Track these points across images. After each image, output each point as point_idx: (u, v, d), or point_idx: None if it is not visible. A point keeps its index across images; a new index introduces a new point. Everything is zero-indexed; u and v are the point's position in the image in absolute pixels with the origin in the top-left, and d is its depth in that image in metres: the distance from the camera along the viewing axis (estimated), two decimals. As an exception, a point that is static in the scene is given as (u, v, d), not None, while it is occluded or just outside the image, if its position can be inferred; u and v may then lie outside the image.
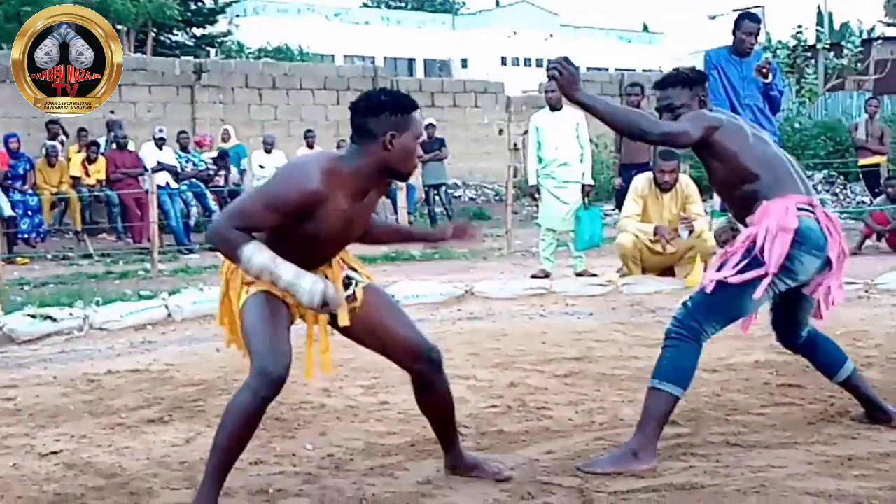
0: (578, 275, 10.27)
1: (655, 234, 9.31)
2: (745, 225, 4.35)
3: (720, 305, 4.25)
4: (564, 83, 4.20)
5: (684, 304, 4.35)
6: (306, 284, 3.60)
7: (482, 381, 5.81)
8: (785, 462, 4.14)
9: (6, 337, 7.48)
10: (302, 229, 3.64)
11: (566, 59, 4.24)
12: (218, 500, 3.65)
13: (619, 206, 11.04)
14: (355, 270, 4.00)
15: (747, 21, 8.71)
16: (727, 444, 4.46)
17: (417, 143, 3.74)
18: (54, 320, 7.77)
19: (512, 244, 13.75)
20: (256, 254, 3.57)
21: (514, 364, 6.27)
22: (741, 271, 4.18)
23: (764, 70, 8.39)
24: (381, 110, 3.65)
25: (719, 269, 4.27)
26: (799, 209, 4.23)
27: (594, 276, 10.01)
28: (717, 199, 9.64)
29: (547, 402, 5.31)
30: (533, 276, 10.19)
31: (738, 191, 4.37)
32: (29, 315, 7.79)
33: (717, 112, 4.50)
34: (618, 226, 9.97)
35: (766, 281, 4.16)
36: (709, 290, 4.25)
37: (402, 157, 3.69)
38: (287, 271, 3.59)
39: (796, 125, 20.77)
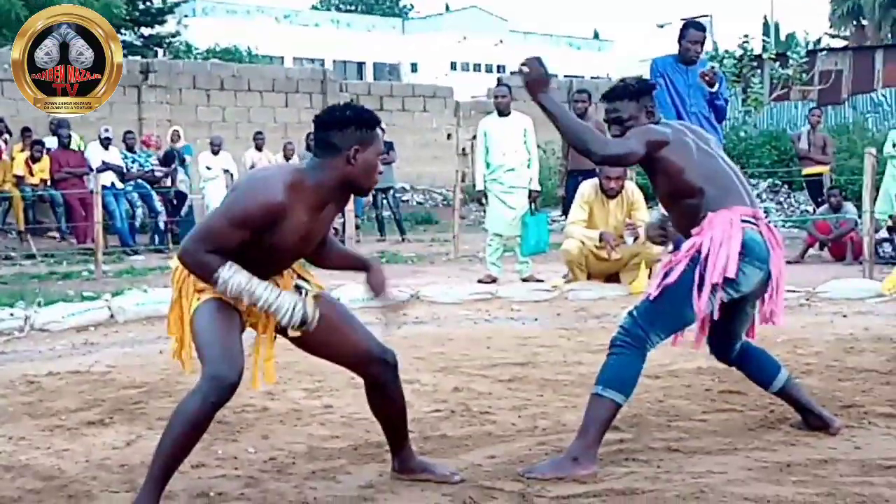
0: (524, 280, 10.30)
1: (601, 240, 9.35)
2: (688, 236, 4.38)
3: (665, 314, 4.28)
4: (532, 81, 4.23)
5: (630, 312, 4.38)
6: (286, 304, 3.67)
7: (426, 385, 5.82)
8: (725, 468, 4.17)
9: (-55, 337, 7.40)
10: (262, 242, 3.65)
11: (539, 59, 4.28)
12: (159, 503, 3.62)
13: (565, 212, 11.09)
14: (304, 279, 3.99)
15: (692, 30, 8.79)
16: (668, 449, 4.49)
17: (378, 159, 3.78)
18: (-6, 321, 7.69)
19: (459, 249, 13.76)
20: (233, 276, 3.61)
21: (459, 369, 6.28)
22: (685, 280, 4.21)
23: (707, 78, 8.47)
24: (346, 125, 3.68)
25: (664, 277, 4.29)
26: (743, 221, 4.26)
27: (540, 281, 10.04)
28: (661, 207, 9.73)
29: (490, 407, 5.32)
30: (479, 281, 10.21)
31: (682, 204, 4.40)
32: (-32, 315, 7.71)
33: (664, 125, 4.51)
34: (564, 232, 10.00)
35: (706, 290, 4.18)
36: (653, 298, 4.28)
37: (365, 172, 3.73)
38: (266, 291, 3.66)
39: (742, 134, 20.95)
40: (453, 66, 53.73)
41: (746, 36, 24.31)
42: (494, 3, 59.95)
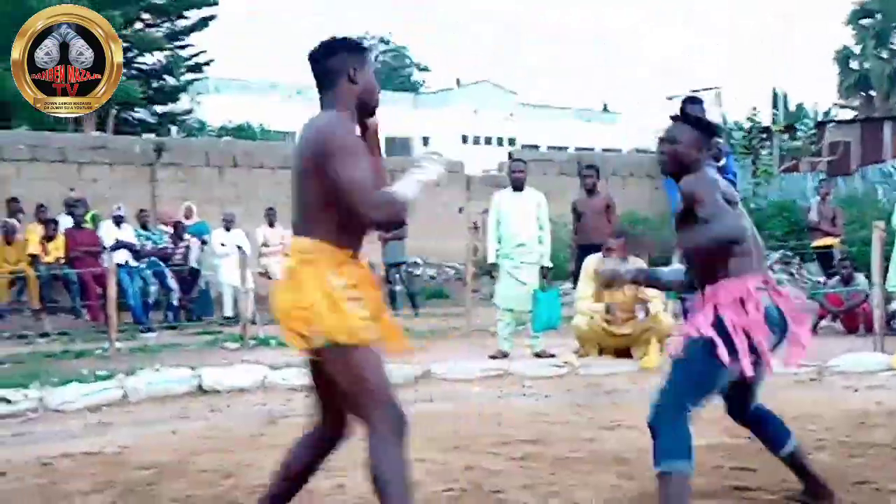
0: (536, 355, 10.31)
1: (608, 311, 9.39)
2: (702, 289, 4.43)
3: (693, 383, 4.28)
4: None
5: (659, 388, 4.38)
6: (431, 174, 4.02)
7: (438, 463, 5.81)
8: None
9: (-40, 419, 7.42)
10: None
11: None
12: None
13: (576, 286, 11.13)
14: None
15: (690, 105, 8.86)
16: (679, 528, 4.48)
17: (375, 78, 3.99)
18: (9, 402, 7.72)
19: (471, 323, 13.78)
20: (404, 190, 3.85)
21: (470, 447, 6.28)
22: (711, 350, 4.22)
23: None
24: (337, 50, 3.91)
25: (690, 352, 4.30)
26: (757, 288, 4.31)
27: (552, 356, 10.05)
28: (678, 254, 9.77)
29: (502, 486, 5.32)
30: (491, 357, 10.23)
31: (706, 255, 4.41)
32: (-17, 397, 7.75)
33: (713, 176, 4.55)
34: (575, 306, 10.04)
35: (744, 356, 4.20)
36: (679, 368, 4.31)
37: (368, 89, 3.95)
38: (418, 176, 3.95)
39: (752, 205, 21.02)
40: (464, 139, 54.06)
41: (755, 108, 24.50)
42: (505, 77, 60.41)
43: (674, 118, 4.73)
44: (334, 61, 3.88)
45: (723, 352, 4.19)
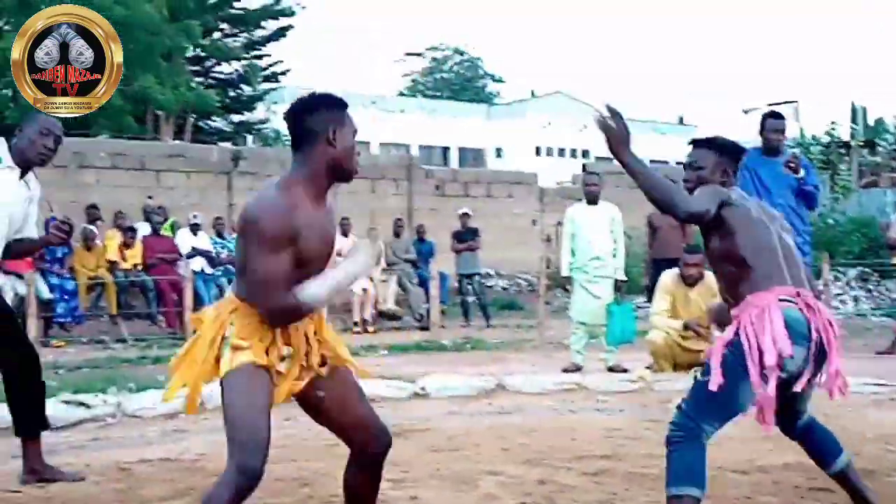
0: (610, 370, 10.26)
1: (686, 328, 9.32)
2: (728, 303, 4.42)
3: (713, 403, 4.23)
4: (614, 139, 4.20)
5: (678, 406, 4.36)
6: (358, 266, 3.78)
7: (512, 477, 5.80)
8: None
9: (40, 422, 7.52)
10: (300, 261, 3.68)
11: (620, 115, 4.25)
12: None
13: (650, 300, 11.06)
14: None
15: (771, 120, 8.78)
16: (757, 548, 4.44)
17: (355, 139, 3.82)
18: (88, 407, 7.83)
19: (544, 335, 13.75)
20: (314, 291, 3.65)
21: (544, 460, 6.25)
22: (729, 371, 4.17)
23: (792, 165, 8.43)
24: (316, 108, 3.77)
25: (709, 368, 4.25)
26: (781, 300, 4.24)
27: (625, 371, 10.00)
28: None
29: (576, 501, 5.30)
30: (564, 370, 10.20)
31: (727, 269, 4.41)
32: (63, 401, 7.85)
33: (731, 190, 4.53)
34: (649, 321, 9.99)
35: (755, 375, 4.13)
36: (700, 389, 4.26)
37: (346, 152, 3.78)
38: (337, 276, 3.72)
39: (830, 221, 20.77)
40: (538, 150, 53.98)
41: (834, 122, 24.20)
42: (579, 88, 60.27)
43: (695, 143, 4.70)
44: (313, 120, 3.75)
45: (716, 373, 4.14)
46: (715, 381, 4.13)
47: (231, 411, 3.68)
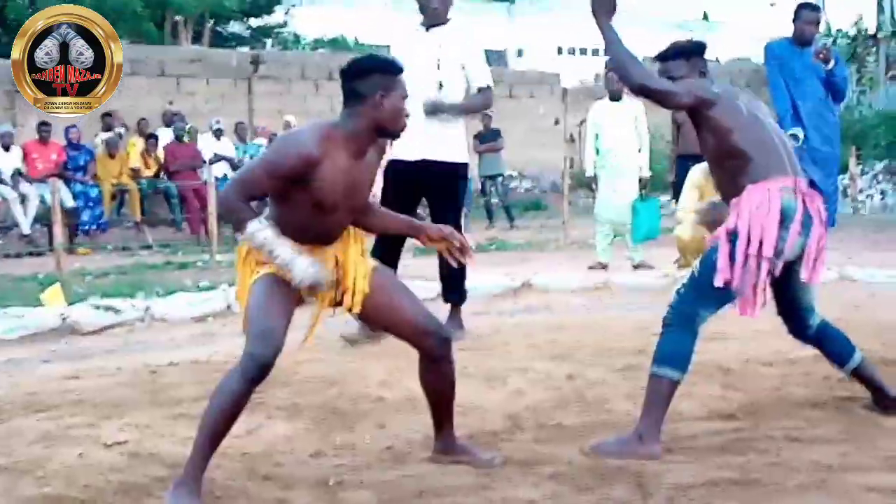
0: (636, 267, 10.24)
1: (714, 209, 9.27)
2: (728, 203, 4.47)
3: (707, 290, 4.36)
4: (599, 4, 4.59)
5: (677, 291, 4.52)
6: (300, 265, 3.81)
7: (540, 373, 5.79)
8: (846, 458, 4.11)
9: (70, 327, 7.58)
10: (309, 195, 3.85)
11: None
12: (202, 476, 3.82)
13: (675, 197, 10.98)
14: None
15: (807, 10, 8.62)
16: (787, 438, 4.44)
17: (405, 103, 3.97)
18: (116, 311, 7.86)
19: (568, 235, 13.72)
20: (261, 230, 3.82)
21: (572, 356, 6.24)
22: (729, 258, 4.31)
23: (823, 55, 8.30)
24: (369, 73, 3.93)
25: (705, 255, 4.42)
26: (781, 189, 4.33)
27: (651, 268, 9.97)
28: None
29: (606, 395, 5.31)
30: (590, 268, 10.18)
31: (725, 165, 4.48)
32: (92, 306, 7.90)
33: (716, 86, 4.59)
34: (676, 217, 9.92)
35: (739, 263, 4.28)
36: (696, 274, 4.42)
37: (392, 115, 3.93)
38: (284, 251, 3.82)
39: (857, 115, 20.52)
40: (560, 50, 53.41)
41: (860, 15, 23.79)
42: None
43: (660, 58, 4.75)
44: (364, 83, 3.92)
45: (724, 268, 4.28)
46: (723, 275, 4.28)
47: (248, 312, 3.90)
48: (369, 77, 3.91)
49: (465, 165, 6.96)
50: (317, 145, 3.81)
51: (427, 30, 6.87)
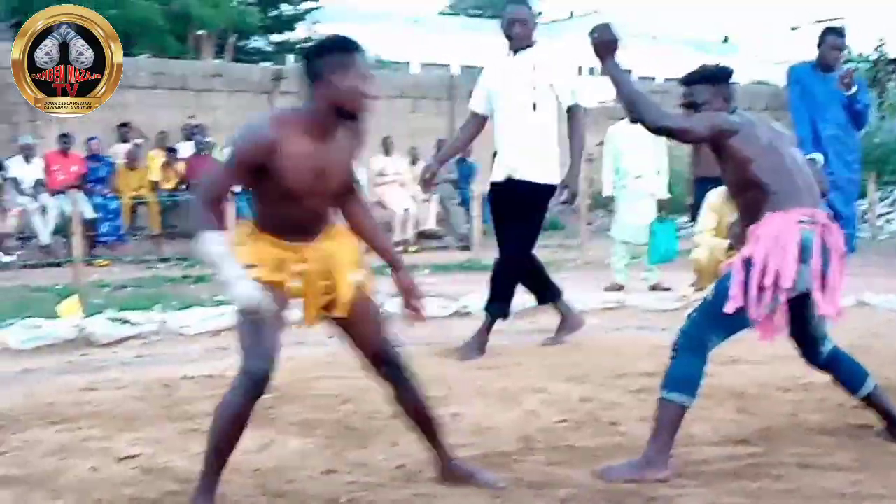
0: (652, 288, 10.22)
1: (731, 249, 9.23)
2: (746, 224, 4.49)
3: (721, 316, 4.36)
4: (601, 45, 4.55)
5: (689, 315, 4.53)
6: (242, 288, 3.70)
7: (554, 394, 5.78)
8: (860, 486, 4.09)
9: (86, 339, 7.60)
10: (276, 183, 3.79)
11: (608, 25, 4.57)
12: (215, 492, 3.83)
13: (693, 219, 10.97)
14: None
15: (832, 36, 8.61)
16: (800, 465, 4.42)
17: (364, 82, 3.89)
18: (133, 324, 7.89)
19: (585, 255, 13.70)
20: (213, 243, 3.71)
21: (587, 378, 6.23)
22: (743, 287, 4.30)
23: (846, 80, 8.28)
24: (324, 52, 3.89)
25: (720, 281, 4.43)
26: (800, 221, 4.32)
27: (667, 290, 9.95)
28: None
29: (620, 418, 5.30)
30: (606, 289, 10.16)
31: (746, 195, 4.49)
32: (108, 318, 7.93)
33: (737, 115, 4.58)
34: (693, 240, 9.90)
35: (753, 294, 4.28)
36: (709, 301, 4.44)
37: (349, 95, 3.85)
38: (231, 270, 3.71)
39: (877, 140, 20.45)
40: (579, 70, 53.39)
41: (882, 39, 23.73)
42: (620, 8, 59.53)
43: (685, 81, 4.78)
44: (318, 63, 3.87)
45: (737, 294, 4.28)
46: (735, 302, 4.27)
47: (238, 324, 3.86)
48: (324, 57, 3.87)
49: (546, 187, 6.99)
50: (271, 130, 3.77)
51: (515, 54, 7.01)
